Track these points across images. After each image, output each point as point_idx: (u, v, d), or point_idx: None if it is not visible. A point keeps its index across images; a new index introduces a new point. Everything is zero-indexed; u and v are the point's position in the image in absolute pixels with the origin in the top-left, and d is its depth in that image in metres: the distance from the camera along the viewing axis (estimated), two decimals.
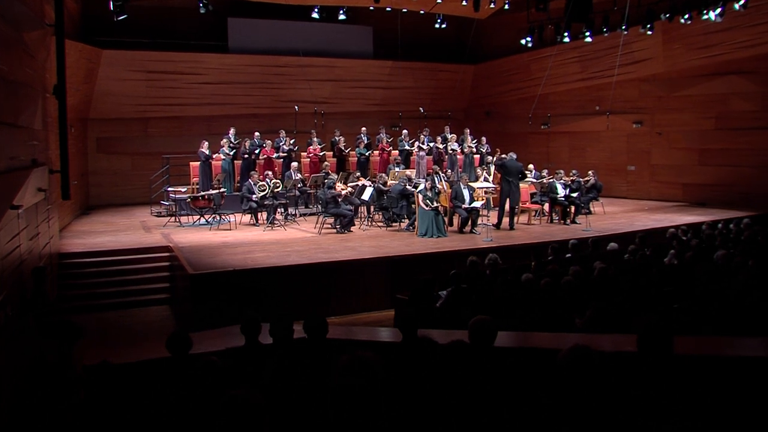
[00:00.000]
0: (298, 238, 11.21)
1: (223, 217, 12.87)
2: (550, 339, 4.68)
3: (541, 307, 5.61)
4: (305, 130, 16.58)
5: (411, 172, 14.33)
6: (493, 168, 14.77)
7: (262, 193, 12.52)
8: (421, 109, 17.70)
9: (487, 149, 16.16)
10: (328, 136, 16.65)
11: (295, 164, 14.22)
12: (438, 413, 2.63)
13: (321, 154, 15.46)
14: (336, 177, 13.34)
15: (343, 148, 15.51)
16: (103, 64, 15.43)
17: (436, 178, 12.80)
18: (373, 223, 12.77)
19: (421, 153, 15.80)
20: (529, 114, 17.94)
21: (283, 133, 15.53)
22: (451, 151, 15.65)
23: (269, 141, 14.97)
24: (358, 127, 16.43)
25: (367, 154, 15.48)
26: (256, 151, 14.75)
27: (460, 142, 16.05)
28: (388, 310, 8.65)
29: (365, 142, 15.76)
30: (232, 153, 14.65)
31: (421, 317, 4.36)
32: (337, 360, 2.15)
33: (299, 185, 13.89)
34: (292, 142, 15.35)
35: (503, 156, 13.85)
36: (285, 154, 15.10)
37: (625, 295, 5.90)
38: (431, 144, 16.08)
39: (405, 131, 16.49)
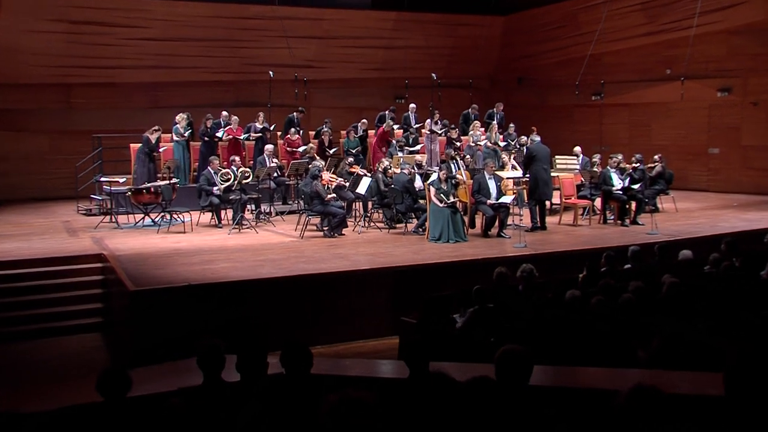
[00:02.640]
0: (274, 244, 11.26)
1: (175, 216, 12.87)
2: (604, 376, 4.70)
3: (592, 333, 5.61)
4: (283, 104, 16.48)
5: (421, 158, 14.34)
6: (512, 158, 14.66)
7: (226, 185, 12.54)
8: (433, 75, 17.71)
9: (514, 139, 15.92)
10: (312, 112, 16.57)
11: (269, 147, 14.22)
12: None
13: (302, 149, 15.21)
14: (323, 164, 13.36)
15: (325, 142, 15.35)
16: (3, 9, 15.30)
17: (452, 166, 12.81)
18: (372, 224, 12.80)
19: (433, 134, 15.80)
20: (576, 81, 17.90)
21: (261, 117, 15.33)
22: (473, 143, 15.60)
23: (236, 117, 14.91)
24: (350, 99, 16.44)
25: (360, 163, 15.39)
26: (219, 134, 14.67)
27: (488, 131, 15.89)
28: (391, 338, 8.67)
29: (360, 134, 15.75)
30: (187, 134, 14.66)
31: (434, 346, 4.36)
32: (324, 401, 2.14)
33: (275, 175, 13.90)
34: (265, 125, 15.21)
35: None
36: (258, 134, 15.07)
37: (705, 320, 5.89)
38: (451, 126, 16.09)
39: (412, 105, 16.49)
